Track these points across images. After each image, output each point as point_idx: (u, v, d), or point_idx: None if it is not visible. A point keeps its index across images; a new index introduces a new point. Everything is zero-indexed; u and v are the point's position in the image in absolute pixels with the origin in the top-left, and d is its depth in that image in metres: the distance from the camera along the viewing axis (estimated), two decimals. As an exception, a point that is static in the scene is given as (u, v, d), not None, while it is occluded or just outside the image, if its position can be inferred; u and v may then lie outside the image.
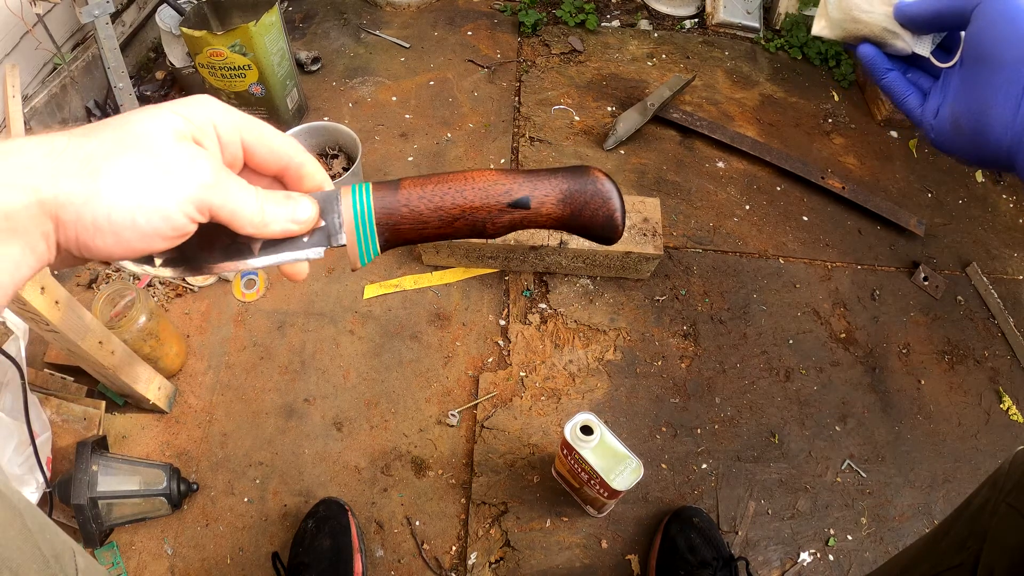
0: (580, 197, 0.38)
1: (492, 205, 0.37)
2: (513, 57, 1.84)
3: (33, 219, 0.28)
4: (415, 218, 0.37)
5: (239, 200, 0.34)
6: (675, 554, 1.01)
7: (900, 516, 1.15)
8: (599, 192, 0.38)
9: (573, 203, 0.37)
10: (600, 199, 0.38)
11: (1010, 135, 0.40)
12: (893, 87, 0.49)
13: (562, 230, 0.39)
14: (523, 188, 0.37)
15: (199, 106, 0.34)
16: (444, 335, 1.28)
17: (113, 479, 0.97)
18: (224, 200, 0.33)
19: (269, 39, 1.41)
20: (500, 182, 0.37)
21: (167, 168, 0.31)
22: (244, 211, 0.34)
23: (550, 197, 0.37)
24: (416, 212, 0.37)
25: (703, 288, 1.39)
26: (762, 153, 1.62)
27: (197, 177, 0.32)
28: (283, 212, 0.36)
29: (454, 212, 0.37)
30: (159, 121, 0.32)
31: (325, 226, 0.38)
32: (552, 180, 0.38)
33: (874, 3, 0.48)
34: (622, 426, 1.19)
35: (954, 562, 0.62)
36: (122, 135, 0.31)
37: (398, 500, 1.09)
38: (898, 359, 1.34)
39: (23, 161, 0.28)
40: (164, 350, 1.13)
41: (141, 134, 0.31)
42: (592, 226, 0.38)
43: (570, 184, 0.38)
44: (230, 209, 0.33)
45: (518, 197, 0.37)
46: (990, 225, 1.61)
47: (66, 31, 1.49)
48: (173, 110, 0.33)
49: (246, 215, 0.34)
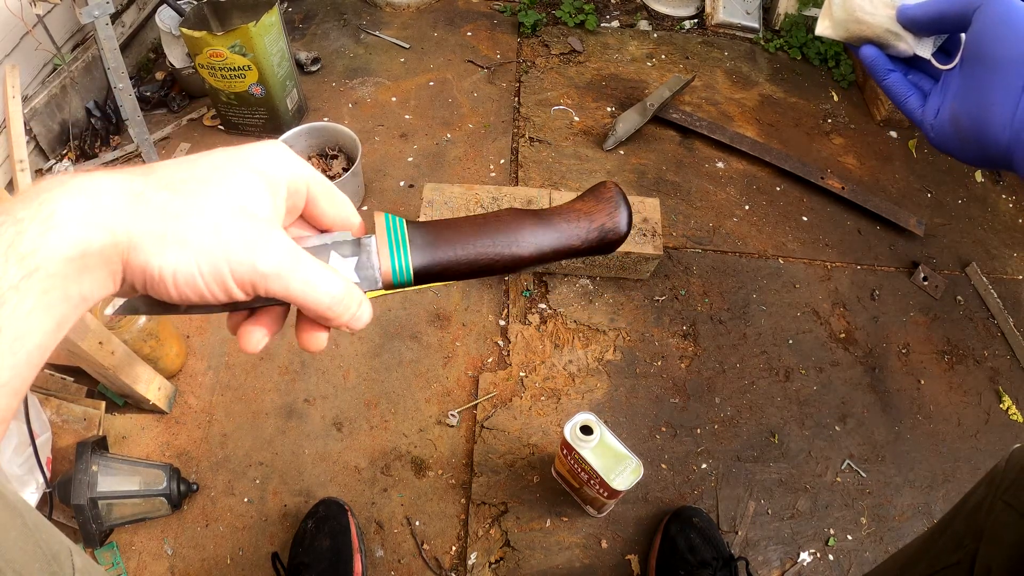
0: (596, 235, 0.41)
1: (521, 249, 0.40)
2: (513, 57, 1.84)
3: (106, 259, 0.29)
4: (448, 257, 0.39)
5: (309, 288, 0.34)
6: (675, 554, 1.01)
7: (900, 516, 1.15)
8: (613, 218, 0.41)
9: (590, 240, 0.41)
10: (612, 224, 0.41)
11: (1008, 134, 0.40)
12: (894, 88, 0.50)
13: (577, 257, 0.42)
14: (549, 233, 0.40)
15: (276, 163, 0.35)
16: (444, 335, 1.28)
17: (113, 479, 0.97)
18: (287, 287, 0.33)
19: (269, 40, 1.41)
20: (526, 226, 0.40)
21: (237, 241, 0.31)
22: (319, 301, 0.34)
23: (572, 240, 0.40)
24: (449, 253, 0.39)
25: (703, 288, 1.39)
26: (762, 153, 1.62)
27: (265, 258, 0.32)
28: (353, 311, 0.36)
29: (488, 253, 0.39)
30: (239, 181, 0.32)
31: (357, 260, 0.38)
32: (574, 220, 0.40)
33: (877, 5, 0.48)
34: (622, 426, 1.19)
35: (951, 560, 0.62)
36: (201, 191, 0.31)
37: (398, 500, 1.09)
38: (898, 359, 1.34)
39: (107, 203, 0.29)
40: (164, 350, 1.13)
41: (219, 196, 0.31)
42: (603, 246, 0.42)
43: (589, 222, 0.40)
44: (299, 299, 0.34)
45: (544, 241, 0.40)
46: (990, 225, 1.61)
47: (66, 32, 1.50)
48: (254, 167, 0.33)
49: (321, 306, 0.34)
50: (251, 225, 0.32)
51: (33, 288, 0.26)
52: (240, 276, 0.31)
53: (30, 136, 1.43)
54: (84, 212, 0.28)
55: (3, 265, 0.26)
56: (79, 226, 0.28)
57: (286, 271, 0.32)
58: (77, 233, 0.28)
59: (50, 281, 0.27)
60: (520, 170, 1.56)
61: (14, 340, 0.26)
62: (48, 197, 0.28)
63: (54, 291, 0.27)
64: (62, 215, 0.27)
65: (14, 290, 0.26)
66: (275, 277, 0.32)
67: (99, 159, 1.52)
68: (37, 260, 0.27)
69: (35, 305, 0.27)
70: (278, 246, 0.32)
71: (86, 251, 0.28)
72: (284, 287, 0.32)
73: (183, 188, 0.31)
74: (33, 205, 0.27)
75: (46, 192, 0.28)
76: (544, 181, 1.54)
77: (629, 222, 0.41)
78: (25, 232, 0.26)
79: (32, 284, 0.26)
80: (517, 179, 1.55)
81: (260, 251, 0.32)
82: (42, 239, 0.27)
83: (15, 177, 1.33)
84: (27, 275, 0.26)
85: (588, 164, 1.59)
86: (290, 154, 0.36)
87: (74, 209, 0.28)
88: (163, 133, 1.59)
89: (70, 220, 0.28)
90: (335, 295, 0.34)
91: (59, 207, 0.28)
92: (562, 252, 0.41)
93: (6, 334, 0.26)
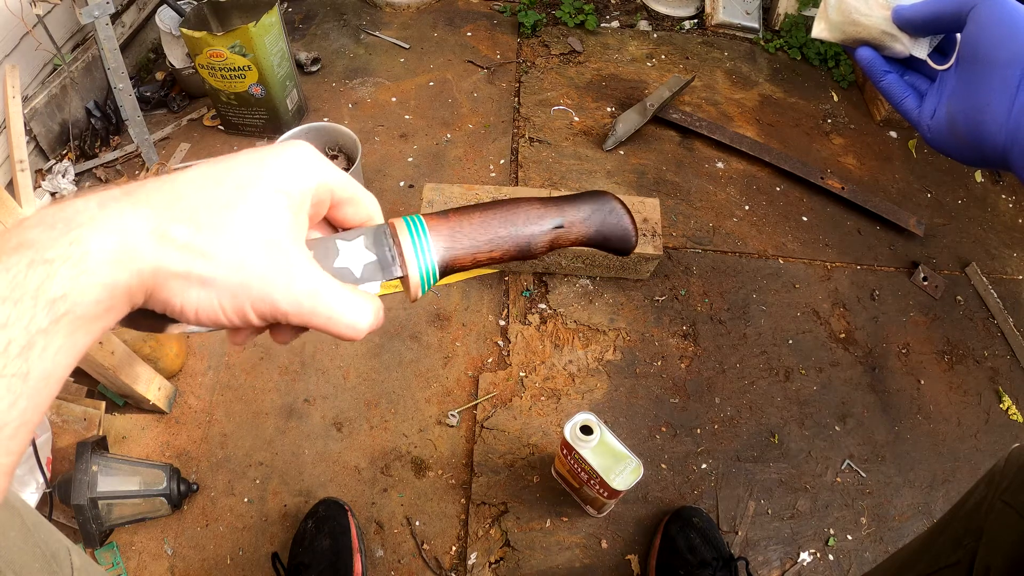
0: (598, 216, 0.44)
1: (534, 228, 0.42)
2: (512, 58, 1.85)
3: (131, 297, 0.29)
4: (470, 243, 0.40)
5: (332, 322, 0.34)
6: (675, 554, 1.01)
7: (900, 516, 1.15)
8: (613, 211, 0.44)
9: (594, 223, 0.44)
10: (615, 217, 0.44)
11: (1004, 133, 0.40)
12: (891, 89, 0.50)
13: (588, 246, 0.45)
14: (553, 212, 0.43)
15: (300, 175, 0.34)
16: (444, 335, 1.28)
17: (113, 479, 0.97)
18: (308, 321, 0.33)
19: (269, 40, 1.41)
20: (535, 208, 0.42)
21: (257, 280, 0.31)
22: (339, 332, 0.34)
23: (577, 217, 0.43)
24: (470, 238, 0.40)
25: (703, 288, 1.39)
26: (761, 153, 1.62)
27: (285, 297, 0.32)
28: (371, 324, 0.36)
29: (503, 235, 0.41)
30: (261, 205, 0.32)
31: (377, 260, 0.38)
32: (576, 204, 0.44)
33: (872, 6, 0.48)
34: (622, 426, 1.19)
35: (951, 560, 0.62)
36: (223, 223, 0.31)
37: (398, 500, 1.09)
38: (898, 359, 1.34)
39: (133, 243, 0.29)
40: (164, 350, 1.13)
41: (242, 227, 0.31)
42: (611, 239, 0.44)
43: (591, 206, 0.44)
44: (320, 329, 0.34)
45: (552, 220, 0.42)
46: (989, 225, 1.61)
47: (66, 32, 1.50)
48: (278, 187, 0.33)
49: (342, 334, 0.34)
50: (272, 260, 0.32)
51: (61, 331, 0.26)
52: (261, 311, 0.32)
53: (30, 136, 1.43)
54: (114, 253, 0.28)
55: (32, 308, 0.25)
56: (109, 269, 0.28)
57: (307, 308, 0.33)
58: (108, 276, 0.28)
59: (78, 323, 0.27)
60: (520, 170, 1.57)
61: (39, 380, 0.26)
62: (78, 237, 0.27)
63: (81, 331, 0.27)
64: (94, 258, 0.27)
65: (43, 334, 0.26)
66: (295, 315, 0.33)
67: (99, 159, 1.52)
68: (67, 305, 0.26)
69: (62, 345, 0.27)
70: (298, 280, 0.32)
71: (114, 292, 0.28)
72: (305, 321, 0.33)
73: (206, 220, 0.31)
74: (61, 244, 0.27)
75: (77, 229, 0.27)
76: (544, 181, 1.54)
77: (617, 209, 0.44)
78: (55, 275, 0.26)
79: (60, 327, 0.26)
80: (517, 179, 1.55)
81: (280, 289, 0.32)
82: (73, 283, 0.27)
83: (15, 177, 1.33)
84: (56, 319, 0.26)
85: (588, 164, 1.59)
86: (314, 159, 0.35)
87: (104, 251, 0.27)
88: (163, 133, 1.59)
89: (101, 263, 0.27)
90: (358, 328, 0.35)
91: (91, 248, 0.27)
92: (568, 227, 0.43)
93: (34, 375, 0.26)
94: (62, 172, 1.46)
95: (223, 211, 0.31)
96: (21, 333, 0.25)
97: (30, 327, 0.25)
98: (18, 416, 0.25)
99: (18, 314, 0.25)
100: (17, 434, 0.26)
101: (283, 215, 0.33)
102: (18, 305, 0.25)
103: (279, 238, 0.32)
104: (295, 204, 0.33)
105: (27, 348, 0.25)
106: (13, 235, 0.27)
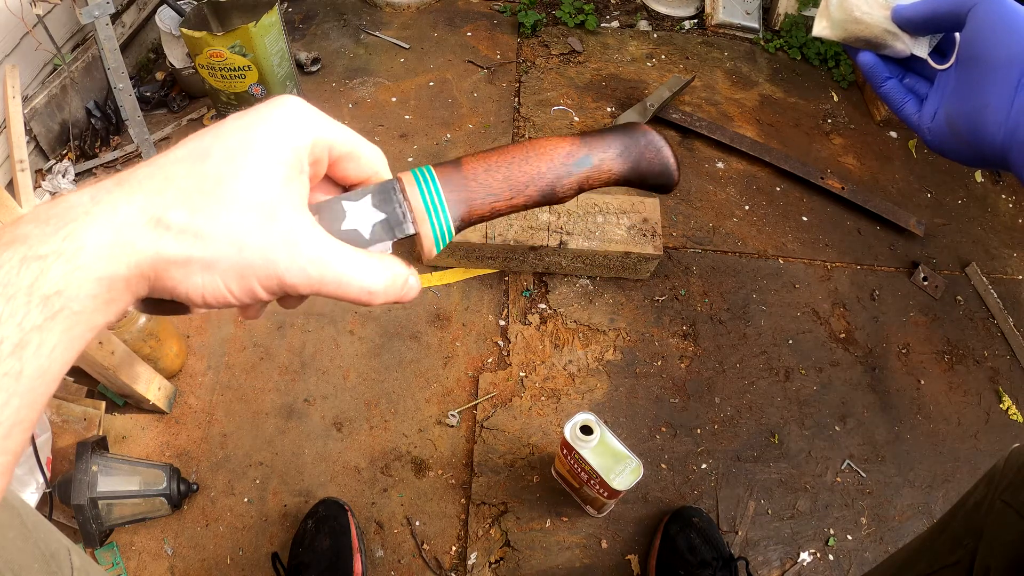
0: (635, 150, 0.39)
1: (559, 168, 0.37)
2: (512, 58, 1.85)
3: (131, 288, 0.29)
4: (486, 191, 0.36)
5: (343, 288, 0.33)
6: (675, 554, 1.01)
7: (900, 516, 1.15)
8: (651, 143, 0.39)
9: (630, 157, 0.39)
10: (653, 150, 0.39)
11: (1003, 133, 0.40)
12: (891, 94, 0.50)
13: (623, 185, 0.40)
14: (582, 149, 0.38)
15: (294, 133, 0.32)
16: (444, 335, 1.28)
17: (113, 479, 0.97)
18: (320, 291, 0.32)
19: (269, 40, 1.41)
20: (560, 146, 0.38)
21: (260, 258, 0.30)
22: (357, 296, 0.33)
23: (609, 154, 0.38)
24: (486, 186, 0.36)
25: (703, 288, 1.39)
26: (761, 153, 1.62)
27: (291, 271, 0.31)
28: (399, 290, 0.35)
29: (523, 179, 0.37)
30: (255, 173, 0.31)
31: (387, 218, 0.35)
32: (607, 138, 0.39)
33: (873, 5, 0.48)
34: (622, 426, 1.19)
35: (951, 560, 0.62)
36: (218, 200, 0.30)
37: (398, 500, 1.09)
38: (898, 359, 1.34)
39: (129, 235, 0.28)
40: (164, 350, 1.13)
41: (238, 202, 0.30)
42: (650, 175, 0.40)
43: (624, 140, 0.39)
44: (336, 297, 0.33)
45: (580, 157, 0.38)
46: (989, 225, 1.61)
47: (66, 32, 1.50)
48: (270, 152, 0.31)
49: (360, 298, 0.33)
50: (272, 232, 0.30)
51: (57, 327, 0.26)
52: (268, 286, 0.31)
53: (30, 136, 1.43)
54: (109, 246, 0.27)
55: (25, 305, 0.25)
56: (105, 262, 0.27)
57: (315, 277, 0.31)
58: (103, 270, 0.27)
59: (75, 318, 0.27)
60: (520, 170, 1.56)
61: (34, 378, 0.26)
62: (72, 231, 0.27)
63: (78, 327, 0.27)
64: (89, 253, 0.27)
65: (37, 331, 0.25)
66: (304, 285, 0.31)
67: (99, 159, 1.52)
68: (62, 301, 0.26)
69: (58, 341, 0.26)
70: (301, 249, 0.31)
71: (112, 285, 0.28)
72: (315, 290, 0.32)
73: (199, 201, 0.29)
74: (55, 239, 0.26)
75: (70, 223, 0.27)
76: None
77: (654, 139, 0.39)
78: (48, 271, 0.26)
79: (56, 323, 0.26)
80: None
81: (283, 261, 0.31)
82: (67, 279, 0.26)
83: (15, 177, 1.33)
84: (51, 316, 0.26)
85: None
86: (306, 114, 0.33)
87: (99, 245, 0.27)
88: (163, 133, 1.59)
89: (96, 258, 0.27)
90: (374, 290, 0.33)
91: (86, 243, 0.27)
92: (598, 164, 0.38)
93: (28, 374, 0.25)
94: (62, 172, 1.46)
95: (216, 188, 0.30)
96: (14, 330, 0.25)
97: (24, 324, 0.25)
98: (12, 415, 0.25)
99: (11, 311, 0.25)
100: (12, 433, 0.25)
101: (278, 181, 0.31)
102: (11, 302, 0.25)
103: (276, 207, 0.31)
104: (291, 167, 0.32)
105: (20, 346, 0.25)
106: (6, 232, 0.27)
